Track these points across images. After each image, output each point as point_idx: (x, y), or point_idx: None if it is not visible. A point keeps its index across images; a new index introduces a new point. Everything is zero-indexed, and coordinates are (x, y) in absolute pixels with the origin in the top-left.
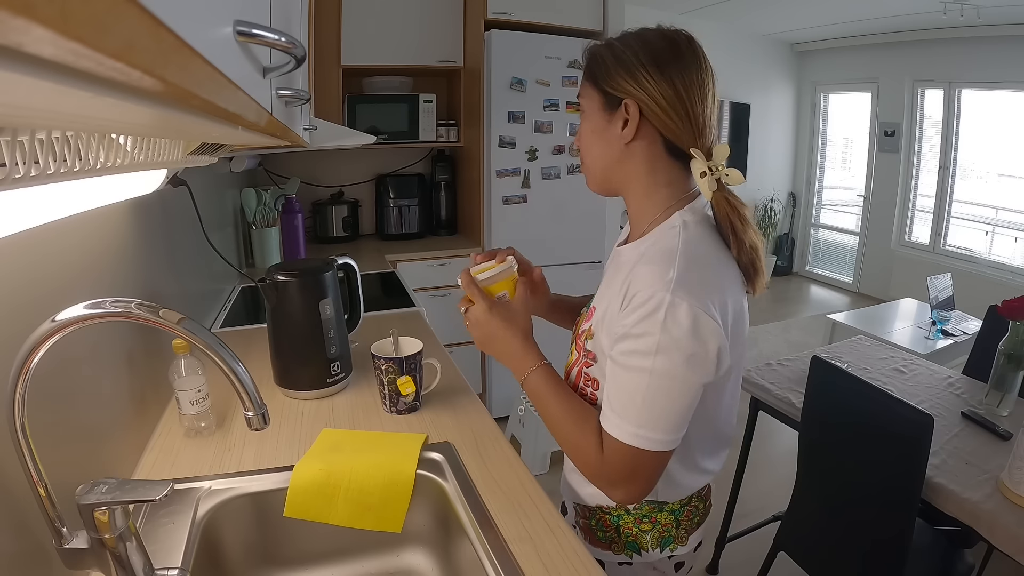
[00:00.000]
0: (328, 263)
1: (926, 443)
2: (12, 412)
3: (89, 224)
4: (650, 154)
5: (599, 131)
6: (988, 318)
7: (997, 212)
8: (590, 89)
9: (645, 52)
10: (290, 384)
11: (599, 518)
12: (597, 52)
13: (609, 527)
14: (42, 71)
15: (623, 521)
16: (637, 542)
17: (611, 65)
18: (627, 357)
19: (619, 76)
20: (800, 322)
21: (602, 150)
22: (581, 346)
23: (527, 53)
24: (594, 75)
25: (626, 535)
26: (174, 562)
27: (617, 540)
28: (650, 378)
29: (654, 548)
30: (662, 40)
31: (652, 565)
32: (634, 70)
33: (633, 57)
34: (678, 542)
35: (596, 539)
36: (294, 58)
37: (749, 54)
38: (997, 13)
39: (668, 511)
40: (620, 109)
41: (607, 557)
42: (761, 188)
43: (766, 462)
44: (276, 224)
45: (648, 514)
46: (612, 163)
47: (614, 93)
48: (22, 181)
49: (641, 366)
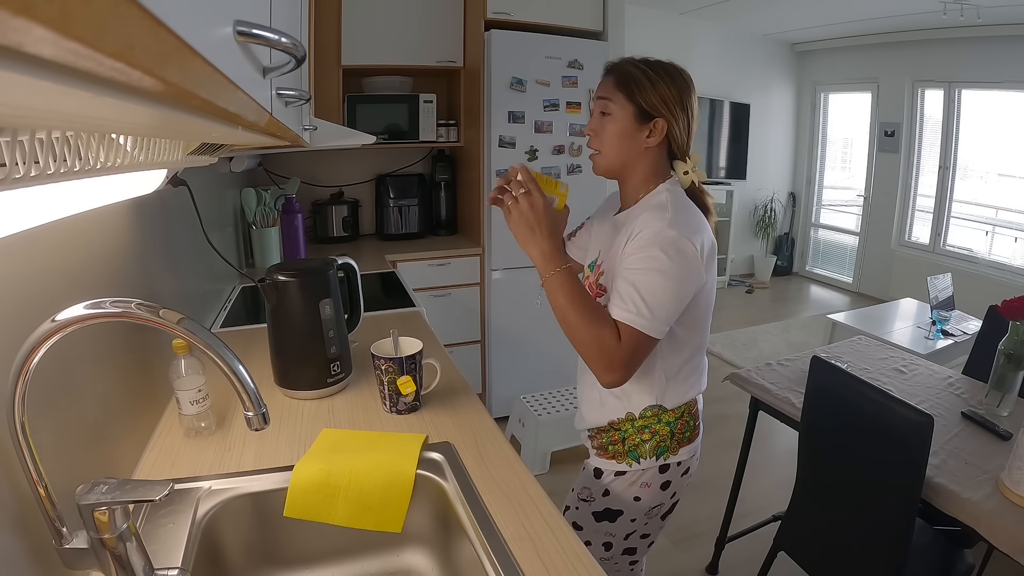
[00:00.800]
0: (328, 263)
1: (926, 443)
2: (12, 412)
3: (89, 224)
4: (658, 155)
5: (627, 134)
6: (988, 318)
7: (997, 212)
8: (624, 100)
9: (673, 84)
10: (290, 384)
11: (610, 435)
12: (631, 72)
13: (617, 441)
14: (42, 71)
15: (628, 433)
16: (638, 450)
17: (648, 88)
18: (634, 268)
19: (655, 98)
20: (800, 322)
21: (625, 148)
22: (592, 284)
23: (527, 53)
24: (630, 90)
25: (629, 445)
26: (174, 562)
27: (622, 450)
28: (649, 277)
29: (650, 456)
30: (679, 75)
31: (643, 475)
32: (667, 98)
33: (665, 87)
34: (671, 451)
35: (607, 453)
36: (294, 58)
37: (749, 54)
38: (997, 13)
39: (665, 423)
40: (651, 124)
41: (609, 466)
42: (761, 188)
43: (766, 462)
44: (276, 224)
45: (649, 425)
46: (631, 159)
47: (648, 110)
48: (22, 181)
49: (647, 268)
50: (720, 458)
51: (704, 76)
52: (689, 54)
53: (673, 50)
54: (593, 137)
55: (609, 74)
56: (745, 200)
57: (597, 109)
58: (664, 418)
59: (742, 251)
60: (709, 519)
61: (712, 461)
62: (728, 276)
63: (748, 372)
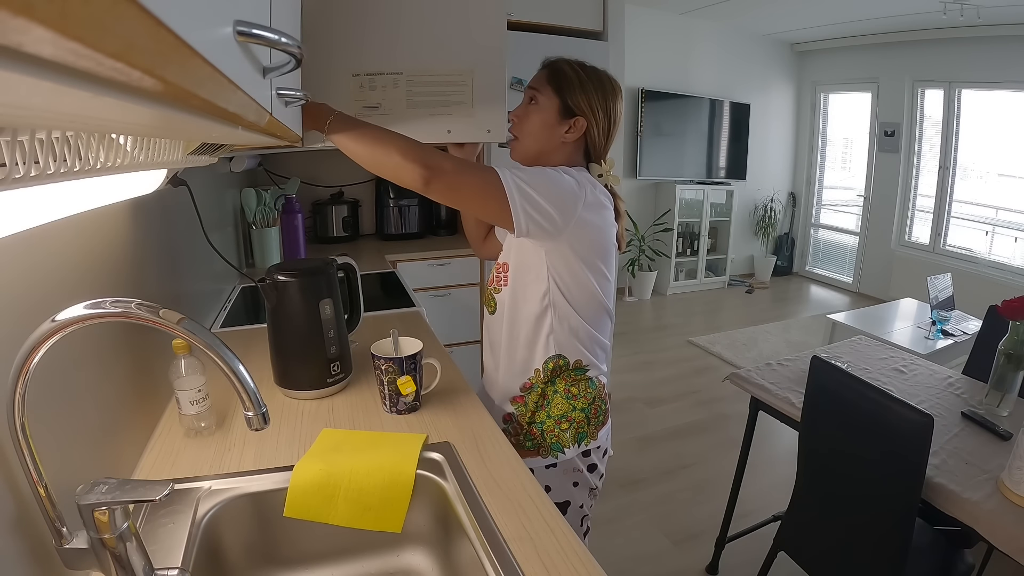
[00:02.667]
0: (328, 263)
1: (926, 443)
2: (12, 412)
3: (89, 224)
4: (574, 151)
5: (548, 126)
6: (988, 318)
7: (997, 212)
8: (551, 93)
9: (600, 89)
10: (290, 384)
11: (526, 430)
12: (564, 70)
13: (535, 435)
14: (42, 71)
15: (546, 426)
16: (559, 442)
17: (576, 87)
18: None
19: (580, 98)
20: (800, 322)
21: (543, 139)
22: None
23: (527, 53)
24: (559, 85)
25: (549, 438)
26: (174, 562)
27: (543, 444)
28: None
29: (573, 444)
30: (609, 82)
31: (572, 462)
32: (592, 100)
33: (593, 90)
34: (591, 436)
35: (525, 449)
36: (294, 58)
37: (749, 54)
38: (997, 13)
39: (580, 410)
40: (572, 120)
41: (536, 463)
42: (761, 188)
43: (766, 462)
44: (276, 224)
45: (565, 415)
46: (547, 149)
47: (572, 107)
48: (22, 181)
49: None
50: (720, 458)
51: (704, 76)
52: (689, 54)
53: (673, 50)
54: (516, 123)
55: (545, 68)
56: (745, 200)
57: (526, 98)
58: (578, 407)
59: (742, 251)
60: (709, 519)
61: (712, 461)
62: (728, 276)
63: (748, 372)
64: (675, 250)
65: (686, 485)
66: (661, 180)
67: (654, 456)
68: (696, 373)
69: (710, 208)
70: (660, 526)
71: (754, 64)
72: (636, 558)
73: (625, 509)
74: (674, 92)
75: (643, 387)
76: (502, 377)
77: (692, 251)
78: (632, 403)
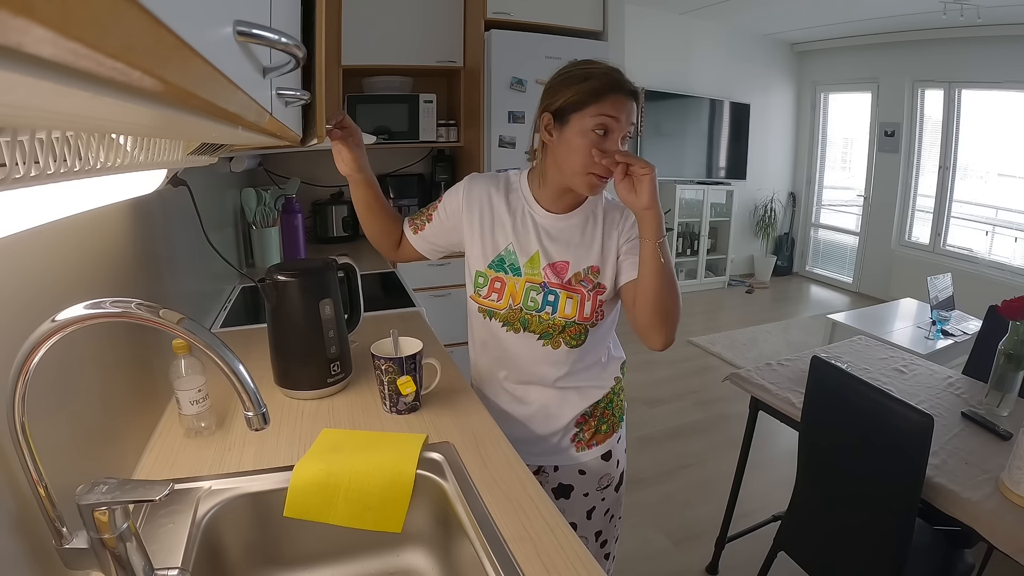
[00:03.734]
0: (328, 263)
1: (926, 443)
2: (12, 412)
3: (89, 224)
4: None
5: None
6: (988, 318)
7: (997, 212)
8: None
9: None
10: (290, 384)
11: (601, 413)
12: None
13: (608, 415)
14: (42, 71)
15: (615, 403)
16: (622, 410)
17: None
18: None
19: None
20: (800, 322)
21: None
22: (581, 288)
23: (527, 53)
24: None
25: (618, 412)
26: (174, 562)
27: (615, 420)
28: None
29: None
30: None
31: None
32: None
33: None
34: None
35: (603, 434)
36: (294, 58)
37: (749, 54)
38: (997, 13)
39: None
40: None
41: (612, 442)
42: (761, 188)
43: (766, 462)
44: (276, 224)
45: (621, 387)
46: None
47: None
48: (22, 181)
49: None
50: (720, 458)
51: (704, 76)
52: (689, 54)
53: (673, 50)
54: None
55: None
56: (745, 200)
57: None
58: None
59: (742, 251)
60: (709, 519)
61: (712, 461)
62: (728, 276)
63: (748, 372)
64: (675, 250)
65: (686, 485)
66: (661, 180)
67: (654, 456)
68: (696, 373)
69: (710, 208)
70: (660, 526)
71: (754, 64)
72: (636, 558)
73: (625, 509)
74: (674, 92)
75: (643, 387)
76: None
77: (692, 251)
78: (632, 403)
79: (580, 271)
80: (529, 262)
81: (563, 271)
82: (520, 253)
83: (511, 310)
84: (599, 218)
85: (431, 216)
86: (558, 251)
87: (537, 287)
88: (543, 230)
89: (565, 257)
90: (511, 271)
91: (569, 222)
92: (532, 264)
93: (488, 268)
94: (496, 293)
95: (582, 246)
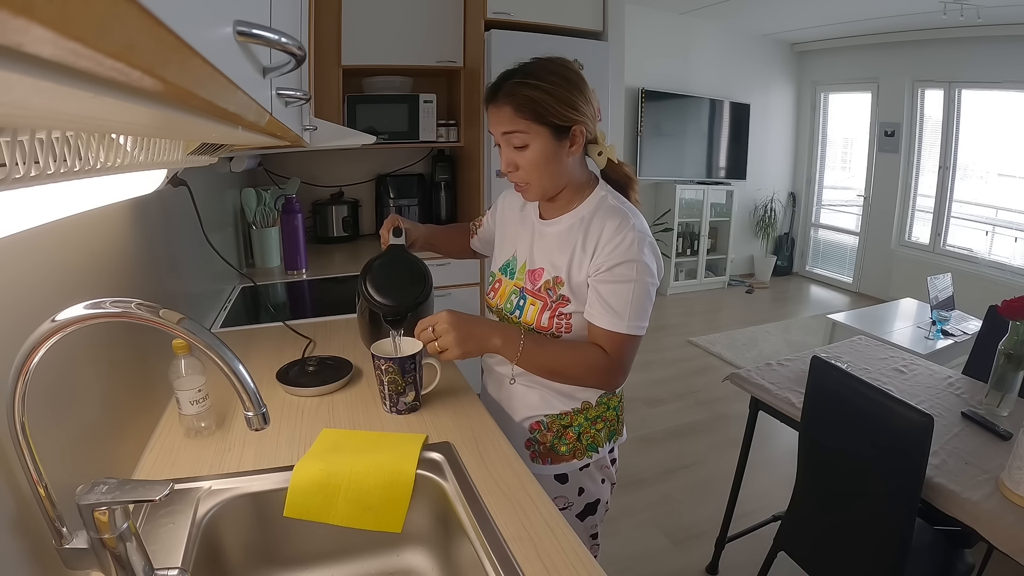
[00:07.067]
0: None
1: (926, 443)
2: (12, 412)
3: (89, 224)
4: (581, 157)
5: (552, 157)
6: (988, 318)
7: (997, 212)
8: (535, 126)
9: (568, 84)
10: (291, 381)
11: (561, 434)
12: (527, 94)
13: (571, 438)
14: (42, 71)
15: (583, 428)
16: (595, 442)
17: (552, 103)
18: (615, 278)
19: (563, 110)
20: (800, 322)
21: (554, 170)
22: (546, 296)
23: (527, 53)
24: (536, 114)
25: (586, 439)
26: (174, 562)
27: (579, 446)
28: (635, 286)
29: (606, 443)
30: (567, 70)
31: (603, 460)
32: (574, 103)
33: (566, 93)
34: (619, 433)
35: (559, 455)
36: (294, 58)
37: (749, 54)
38: (997, 13)
39: (612, 408)
40: (569, 135)
41: (571, 467)
42: (761, 188)
43: (766, 462)
44: (276, 224)
45: (600, 415)
46: (565, 177)
47: (563, 124)
48: (22, 181)
49: (628, 278)
50: (720, 458)
51: (704, 76)
52: (689, 54)
53: (673, 50)
54: (513, 173)
55: (500, 103)
56: (745, 200)
57: (506, 145)
58: (612, 405)
59: (742, 251)
60: (709, 519)
61: (712, 461)
62: (728, 276)
63: (748, 372)
64: (675, 250)
65: (686, 485)
66: (661, 180)
67: (654, 456)
68: (696, 373)
69: (710, 208)
70: (660, 526)
71: (754, 64)
72: (636, 558)
73: (625, 509)
74: (674, 92)
75: (643, 387)
76: (537, 396)
77: (692, 251)
78: (632, 403)
79: (549, 279)
80: (521, 267)
81: (538, 278)
82: (519, 259)
83: (498, 309)
84: (581, 228)
85: (481, 222)
86: (540, 258)
87: (517, 291)
88: (536, 237)
89: (542, 264)
90: (509, 275)
91: (553, 228)
92: (522, 269)
93: (498, 271)
94: (494, 292)
95: (557, 255)
